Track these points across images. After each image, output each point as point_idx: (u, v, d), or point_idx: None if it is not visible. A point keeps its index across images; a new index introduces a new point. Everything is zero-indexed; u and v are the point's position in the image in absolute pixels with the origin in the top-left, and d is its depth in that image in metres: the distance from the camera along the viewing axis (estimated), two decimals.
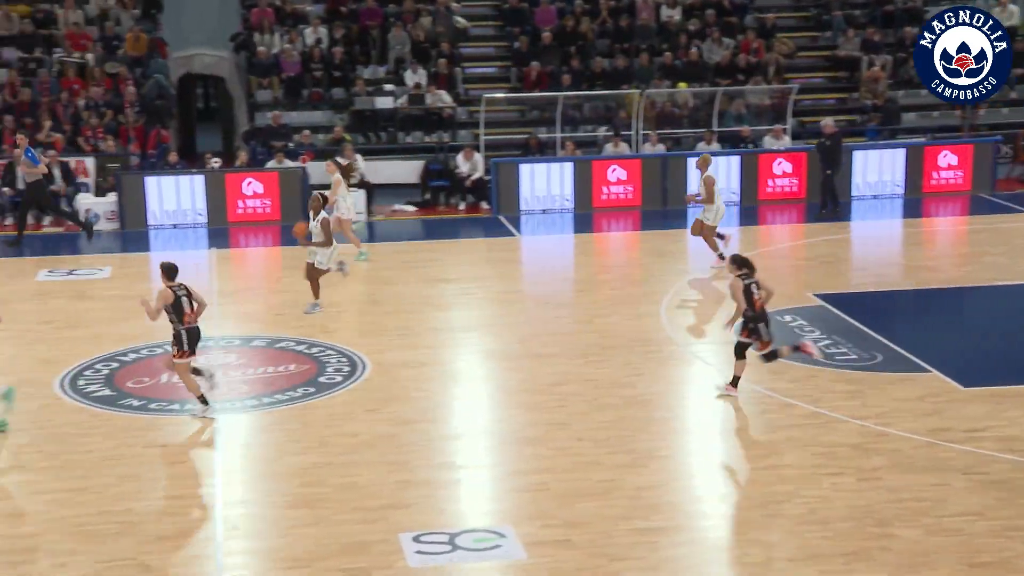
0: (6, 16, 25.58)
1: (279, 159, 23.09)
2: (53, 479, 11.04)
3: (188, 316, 12.45)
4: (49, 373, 13.87)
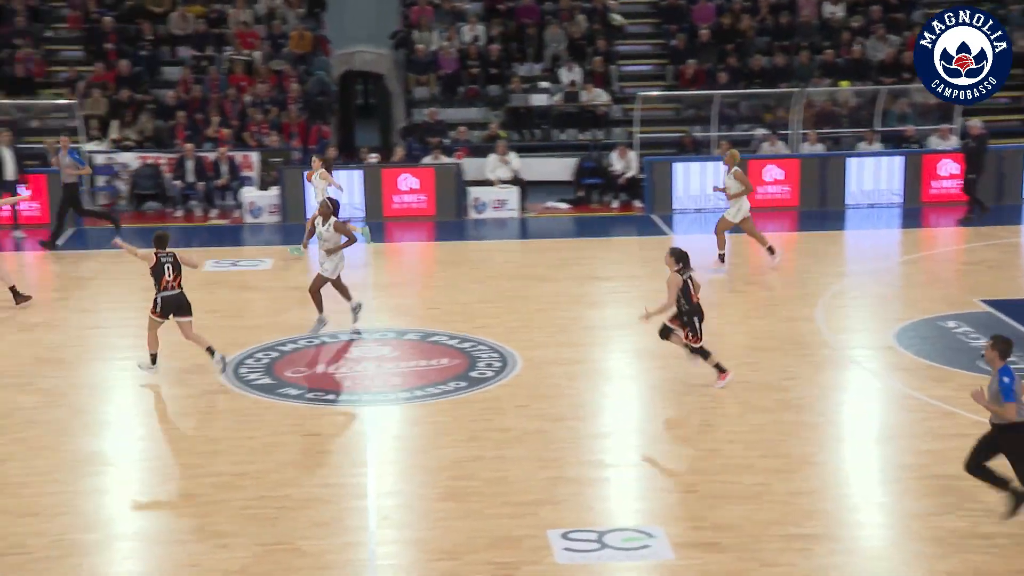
0: (182, 16, 26.56)
1: (435, 155, 23.43)
2: (216, 463, 11.42)
3: (164, 282, 13.37)
4: (211, 360, 14.32)
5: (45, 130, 24.05)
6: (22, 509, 10.34)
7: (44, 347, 14.83)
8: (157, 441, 12.26)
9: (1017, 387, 9.30)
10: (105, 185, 23.26)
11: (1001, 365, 9.38)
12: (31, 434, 12.16)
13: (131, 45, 26.05)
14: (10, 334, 15.41)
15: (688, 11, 27.56)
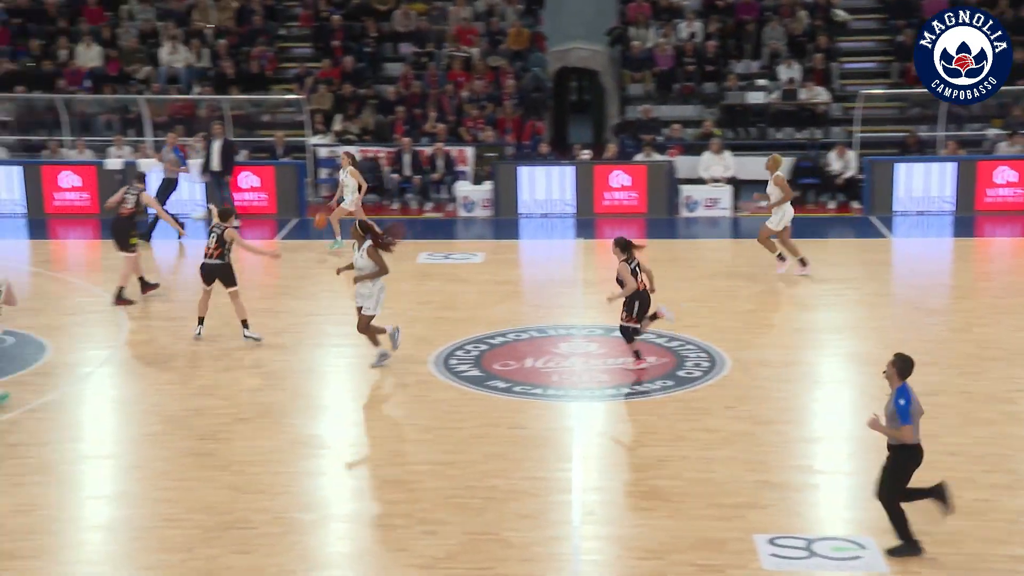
0: (405, 14, 27.26)
1: (647, 152, 23.31)
2: (426, 451, 11.69)
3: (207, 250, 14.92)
4: (424, 351, 14.65)
5: (275, 124, 25.12)
6: (247, 486, 10.81)
7: (266, 332, 15.46)
8: (369, 427, 12.63)
9: (913, 408, 9.05)
10: (327, 177, 24.10)
11: (899, 384, 9.11)
12: (255, 415, 12.72)
13: (356, 42, 26.92)
14: (236, 319, 16.14)
15: (918, 6, 26.53)
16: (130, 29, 26.86)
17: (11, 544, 9.79)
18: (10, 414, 12.56)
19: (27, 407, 12.79)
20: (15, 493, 10.75)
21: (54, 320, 15.92)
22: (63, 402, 13.20)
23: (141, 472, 11.37)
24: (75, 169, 22.66)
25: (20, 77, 25.30)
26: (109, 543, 10.06)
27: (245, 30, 26.94)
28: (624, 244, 13.85)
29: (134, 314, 16.05)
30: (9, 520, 10.20)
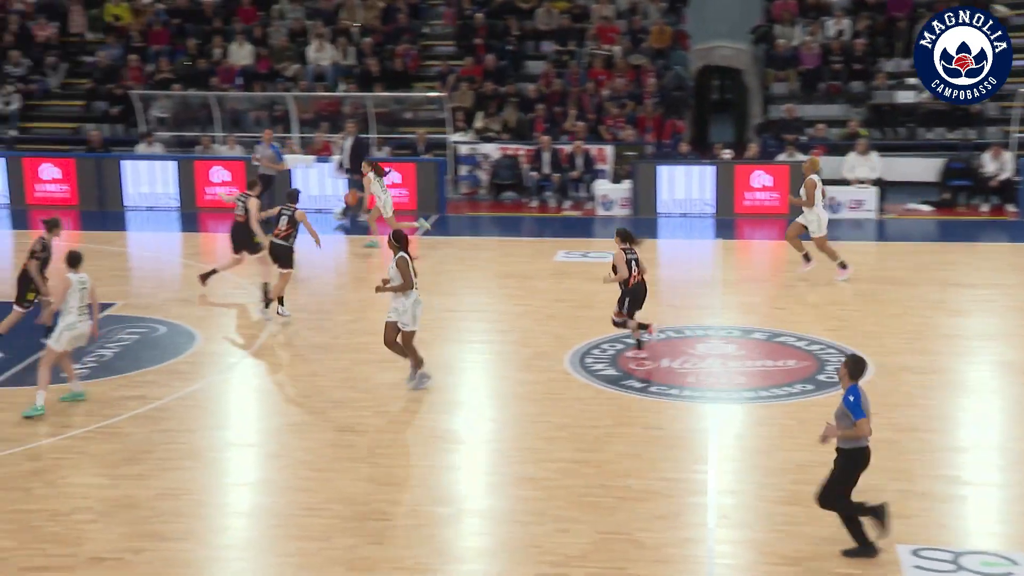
0: (547, 12, 27.33)
1: (790, 152, 22.91)
2: (560, 449, 11.69)
3: (277, 230, 15.52)
4: (560, 349, 14.66)
5: (417, 121, 25.45)
6: (384, 478, 10.98)
7: None
8: (505, 423, 12.69)
9: (865, 403, 8.99)
10: (467, 174, 24.31)
11: (850, 384, 9.08)
12: (393, 408, 12.90)
13: (498, 40, 27.09)
14: (378, 313, 16.39)
15: None
16: (280, 28, 27.54)
17: (162, 526, 10.13)
18: (162, 400, 13.00)
19: (177, 394, 13.23)
20: (165, 477, 11.12)
21: (203, 311, 16.42)
22: (210, 390, 13.60)
23: (282, 461, 11.64)
24: (225, 164, 23.31)
25: (177, 76, 26.18)
26: (251, 529, 10.33)
27: (390, 28, 27.36)
28: (625, 234, 14.21)
29: (274, 306, 16.42)
30: (159, 503, 10.56)
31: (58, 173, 23.24)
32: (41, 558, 9.57)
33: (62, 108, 26.84)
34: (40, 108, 26.76)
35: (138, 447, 11.77)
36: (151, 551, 9.71)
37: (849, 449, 9.13)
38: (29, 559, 9.55)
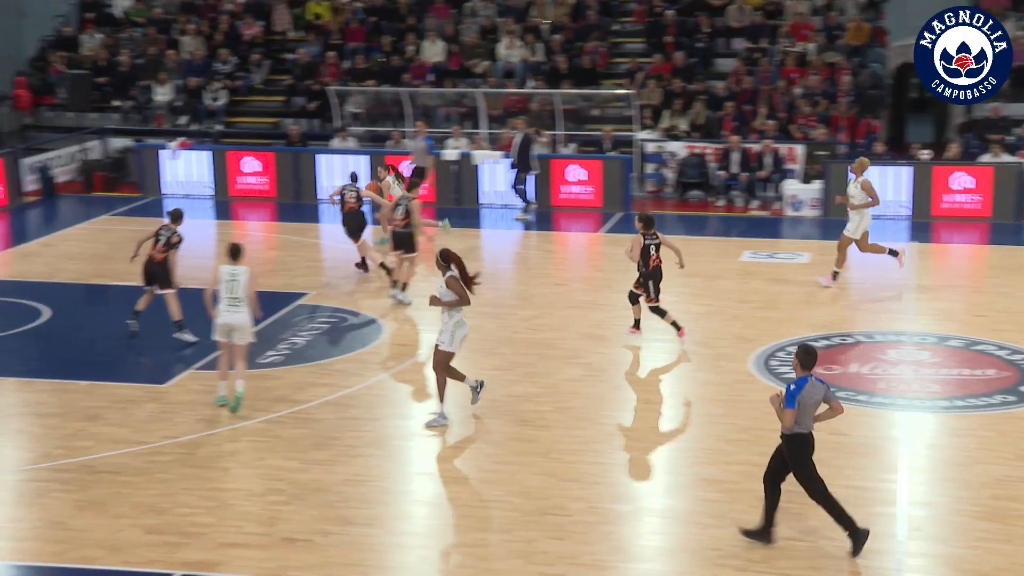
0: (739, 9, 26.93)
1: (995, 152, 21.96)
2: (743, 451, 11.50)
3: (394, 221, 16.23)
4: (744, 350, 14.43)
5: (604, 119, 25.42)
6: (564, 474, 11.02)
7: (589, 324, 15.69)
8: (687, 423, 12.57)
9: (802, 397, 9.18)
10: (653, 172, 24.16)
11: (801, 375, 9.30)
12: (574, 404, 12.94)
13: (688, 37, 26.82)
14: (560, 310, 16.48)
15: None
16: (472, 25, 27.93)
17: (348, 511, 10.42)
18: (350, 389, 13.36)
19: (364, 383, 13.57)
20: (352, 463, 11.43)
21: (391, 301, 16.77)
22: (395, 380, 13.90)
23: (464, 452, 11.82)
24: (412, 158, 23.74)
25: (372, 72, 26.86)
26: (433, 518, 10.52)
27: (580, 25, 27.42)
28: (647, 220, 14.62)
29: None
30: (346, 488, 10.86)
31: (258, 166, 24.13)
32: (237, 535, 9.97)
33: (264, 104, 27.86)
34: (244, 104, 27.84)
35: (327, 433, 12.13)
36: (338, 534, 9.99)
37: (788, 435, 9.31)
38: (226, 535, 9.96)
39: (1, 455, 11.85)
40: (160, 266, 14.70)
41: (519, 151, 22.36)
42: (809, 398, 9.24)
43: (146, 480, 11.00)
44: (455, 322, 12.18)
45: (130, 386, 13.38)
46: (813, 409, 9.31)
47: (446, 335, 12.21)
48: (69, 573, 9.43)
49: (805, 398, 9.21)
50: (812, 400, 9.26)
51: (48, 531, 10.06)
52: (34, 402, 13.05)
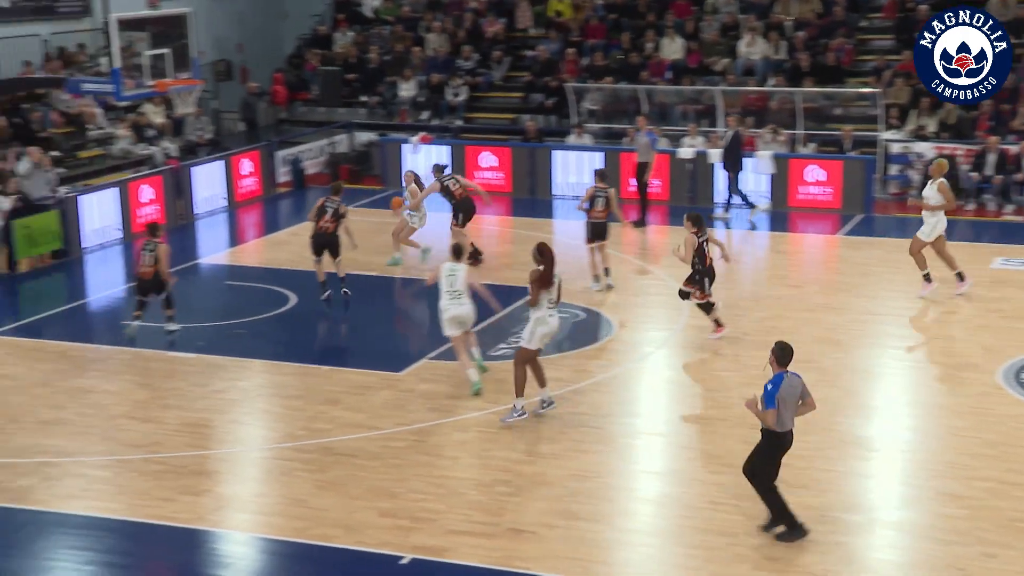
0: (1002, 3, 25.56)
1: None
2: (989, 467, 10.97)
3: (594, 212, 16.78)
4: (992, 361, 13.75)
5: (847, 118, 24.65)
6: (795, 480, 10.72)
7: (824, 328, 15.27)
8: (926, 434, 12.07)
9: (781, 395, 9.30)
10: (897, 174, 23.28)
11: (777, 372, 9.44)
12: None
13: None
14: (794, 313, 16.11)
15: None
16: (712, 22, 27.60)
17: (574, 505, 10.50)
18: (578, 385, 13.45)
19: (592, 380, 13.63)
20: (578, 459, 11.50)
21: (622, 299, 16.80)
22: (624, 378, 13.91)
23: (691, 453, 11.71)
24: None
25: (610, 69, 26.94)
26: (658, 517, 10.47)
27: (825, 22, 26.69)
28: (696, 219, 14.49)
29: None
30: (572, 483, 10.95)
31: (495, 161, 24.57)
32: (465, 523, 10.20)
33: (503, 100, 28.36)
34: (484, 100, 28.41)
35: (555, 427, 12.24)
36: (563, 528, 10.08)
37: (766, 432, 9.48)
38: (455, 523, 10.20)
39: (248, 433, 12.52)
40: (331, 237, 16.01)
41: (729, 149, 22.01)
42: (788, 395, 9.39)
43: (380, 464, 11.39)
44: (536, 319, 12.12)
45: (367, 373, 13.87)
46: (793, 406, 9.47)
47: (526, 331, 12.25)
48: (310, 549, 9.86)
49: (784, 395, 9.35)
50: (791, 396, 9.41)
51: (290, 508, 10.55)
52: (279, 384, 13.71)
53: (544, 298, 12.08)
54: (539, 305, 12.09)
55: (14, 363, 14.28)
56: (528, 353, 12.22)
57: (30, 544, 9.94)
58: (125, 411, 12.79)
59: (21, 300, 17.73)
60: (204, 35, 26.09)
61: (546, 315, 12.13)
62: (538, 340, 12.18)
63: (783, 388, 9.32)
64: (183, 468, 11.33)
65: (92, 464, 11.46)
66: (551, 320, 12.17)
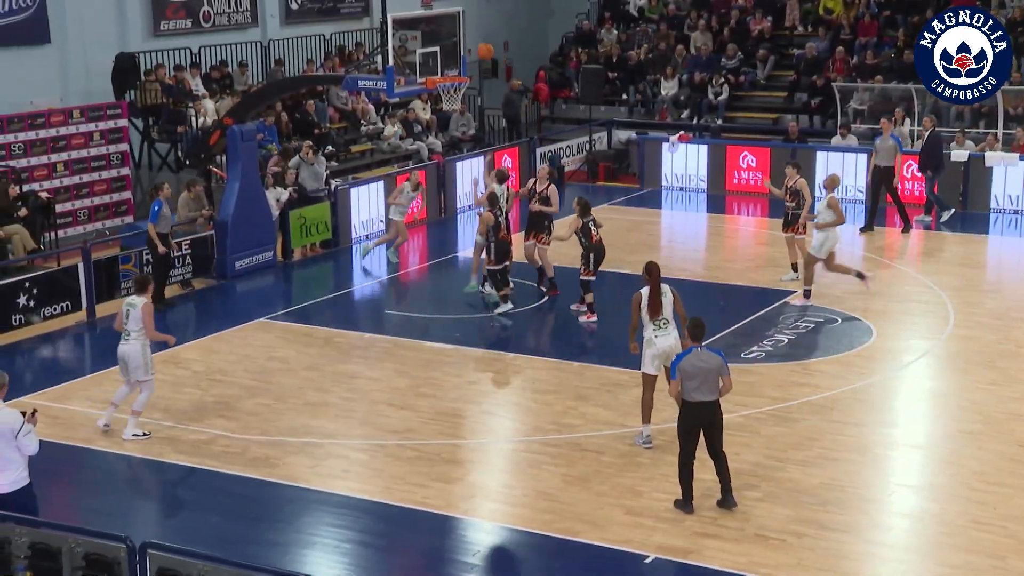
0: None
1: None
2: None
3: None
4: None
5: None
6: None
7: None
8: None
9: (683, 367, 9.97)
10: None
11: (688, 346, 10.18)
12: None
13: None
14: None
15: None
16: (998, 15, 26.10)
17: (823, 514, 10.24)
18: (833, 392, 13.09)
19: (848, 387, 13.23)
20: (829, 467, 11.20)
21: (883, 306, 16.21)
22: (882, 387, 13.43)
23: (952, 468, 11.20)
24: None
25: (881, 68, 26.00)
26: (915, 533, 10.08)
27: None
28: (583, 204, 15.22)
29: (961, 308, 15.79)
30: (823, 492, 10.67)
31: (753, 161, 24.15)
32: (711, 526, 10.11)
33: (765, 99, 27.85)
34: (745, 99, 27.98)
35: (806, 434, 11.97)
36: (812, 537, 9.85)
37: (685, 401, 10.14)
38: (701, 525, 10.13)
39: (499, 425, 12.80)
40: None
41: (925, 150, 20.86)
42: (692, 368, 9.92)
43: (627, 463, 11.42)
44: (644, 340, 11.50)
45: (618, 371, 13.92)
46: (701, 381, 9.94)
47: (644, 357, 11.56)
48: (556, 542, 10.01)
49: (686, 368, 9.93)
50: (695, 370, 9.92)
51: (537, 500, 10.73)
52: (531, 378, 13.95)
53: (647, 319, 11.44)
54: (645, 326, 11.50)
55: (285, 346, 15.10)
56: (645, 378, 11.61)
57: (295, 519, 10.51)
58: (385, 397, 13.32)
59: (294, 287, 18.73)
60: (473, 33, 26.84)
61: (652, 336, 11.45)
62: (649, 363, 11.51)
63: (684, 361, 10.01)
64: (436, 456, 11.71)
65: (352, 447, 11.99)
66: (658, 341, 11.39)
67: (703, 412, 10.12)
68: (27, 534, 7.99)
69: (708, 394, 10.07)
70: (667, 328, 11.45)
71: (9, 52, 20.76)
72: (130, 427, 12.16)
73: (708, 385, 10.06)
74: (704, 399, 10.07)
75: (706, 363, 10.04)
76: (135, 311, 12.01)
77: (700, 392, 10.05)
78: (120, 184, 21.35)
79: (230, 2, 24.87)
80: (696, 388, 10.04)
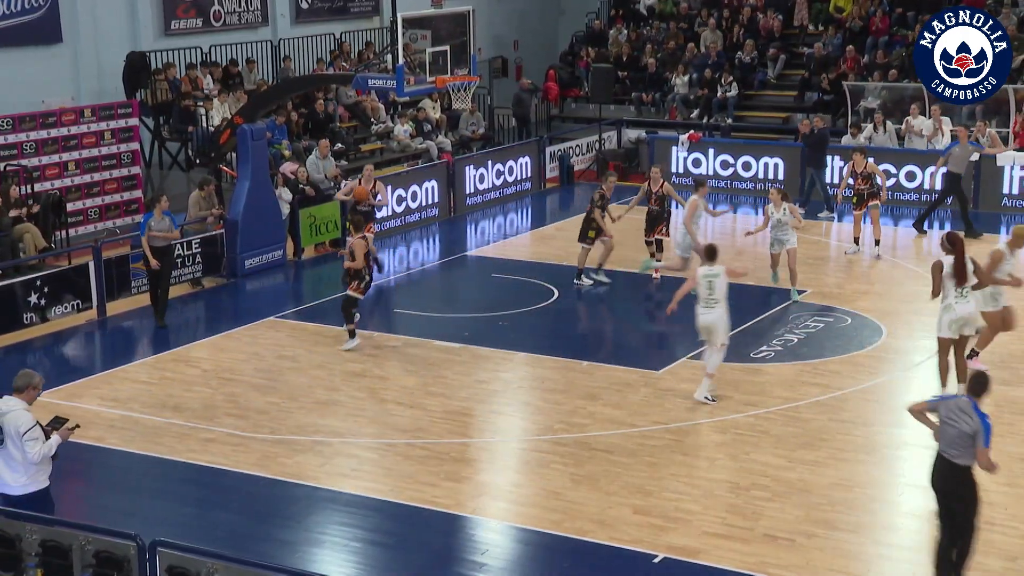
0: None
1: None
2: None
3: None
4: None
5: None
6: None
7: None
8: None
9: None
10: None
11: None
12: None
13: None
14: None
15: None
16: (1011, 16, 26.04)
17: (832, 515, 10.22)
18: (843, 391, 13.06)
19: (858, 387, 13.20)
20: (839, 467, 11.18)
21: (892, 305, 16.17)
22: (891, 386, 13.40)
23: None
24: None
25: (892, 66, 25.92)
26: (924, 534, 10.01)
27: None
28: (358, 222, 14.88)
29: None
30: (832, 492, 10.65)
31: (765, 163, 24.06)
32: (721, 526, 10.10)
33: (775, 98, 27.80)
34: (755, 98, 27.94)
35: (815, 434, 11.95)
36: (821, 538, 9.83)
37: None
38: (710, 525, 10.12)
39: (508, 424, 12.80)
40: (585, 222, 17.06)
41: (816, 147, 21.31)
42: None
43: (636, 462, 11.41)
44: (944, 307, 12.38)
45: (626, 370, 13.91)
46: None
47: (937, 320, 12.57)
48: (565, 541, 10.00)
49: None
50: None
51: (547, 500, 10.73)
52: (541, 377, 13.94)
53: (951, 286, 12.25)
54: (945, 294, 12.31)
55: (296, 345, 15.12)
56: (941, 342, 12.49)
57: (304, 518, 10.52)
58: (394, 396, 13.33)
59: (303, 286, 18.75)
60: (483, 32, 26.83)
61: (952, 302, 12.31)
62: (946, 328, 12.38)
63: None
64: (445, 455, 11.71)
65: (362, 445, 12.01)
66: (958, 307, 12.29)
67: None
68: (38, 532, 8.01)
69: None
70: (967, 296, 12.29)
71: (21, 52, 20.82)
72: (702, 389, 12.78)
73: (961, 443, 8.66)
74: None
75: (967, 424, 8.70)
76: (718, 280, 12.53)
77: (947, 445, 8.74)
78: (131, 183, 21.39)
79: (240, 1, 24.91)
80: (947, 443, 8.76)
